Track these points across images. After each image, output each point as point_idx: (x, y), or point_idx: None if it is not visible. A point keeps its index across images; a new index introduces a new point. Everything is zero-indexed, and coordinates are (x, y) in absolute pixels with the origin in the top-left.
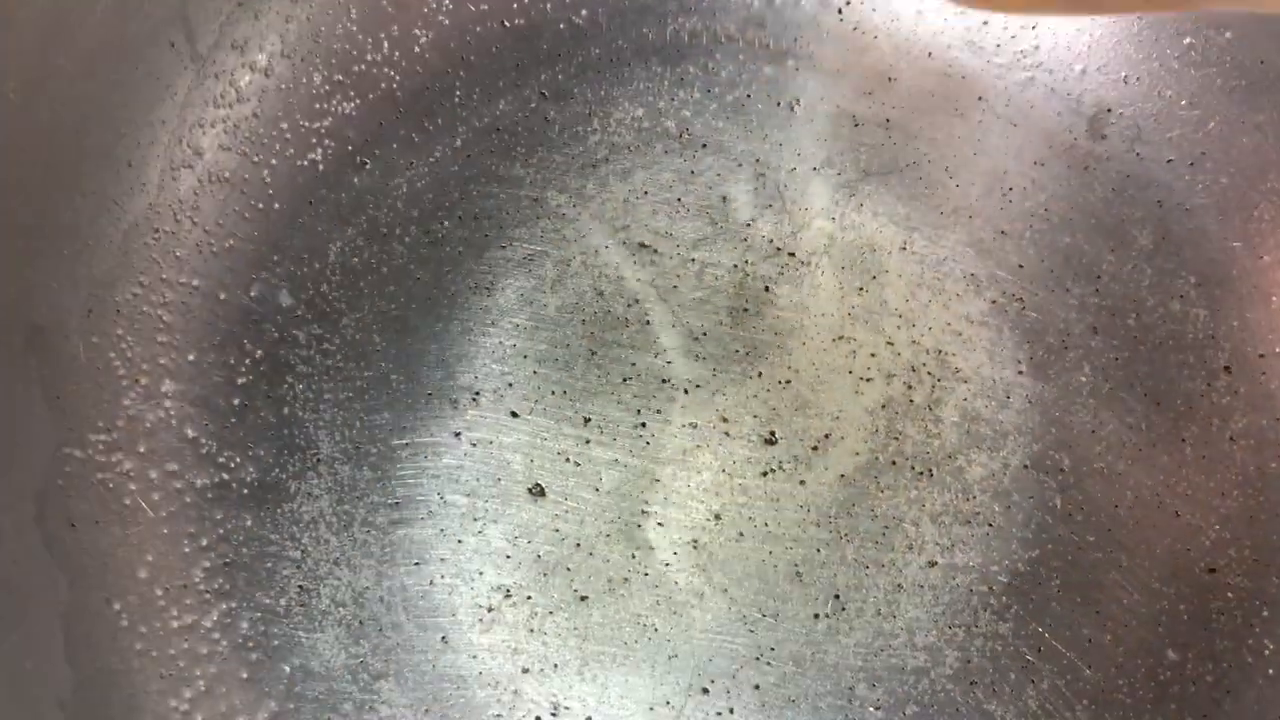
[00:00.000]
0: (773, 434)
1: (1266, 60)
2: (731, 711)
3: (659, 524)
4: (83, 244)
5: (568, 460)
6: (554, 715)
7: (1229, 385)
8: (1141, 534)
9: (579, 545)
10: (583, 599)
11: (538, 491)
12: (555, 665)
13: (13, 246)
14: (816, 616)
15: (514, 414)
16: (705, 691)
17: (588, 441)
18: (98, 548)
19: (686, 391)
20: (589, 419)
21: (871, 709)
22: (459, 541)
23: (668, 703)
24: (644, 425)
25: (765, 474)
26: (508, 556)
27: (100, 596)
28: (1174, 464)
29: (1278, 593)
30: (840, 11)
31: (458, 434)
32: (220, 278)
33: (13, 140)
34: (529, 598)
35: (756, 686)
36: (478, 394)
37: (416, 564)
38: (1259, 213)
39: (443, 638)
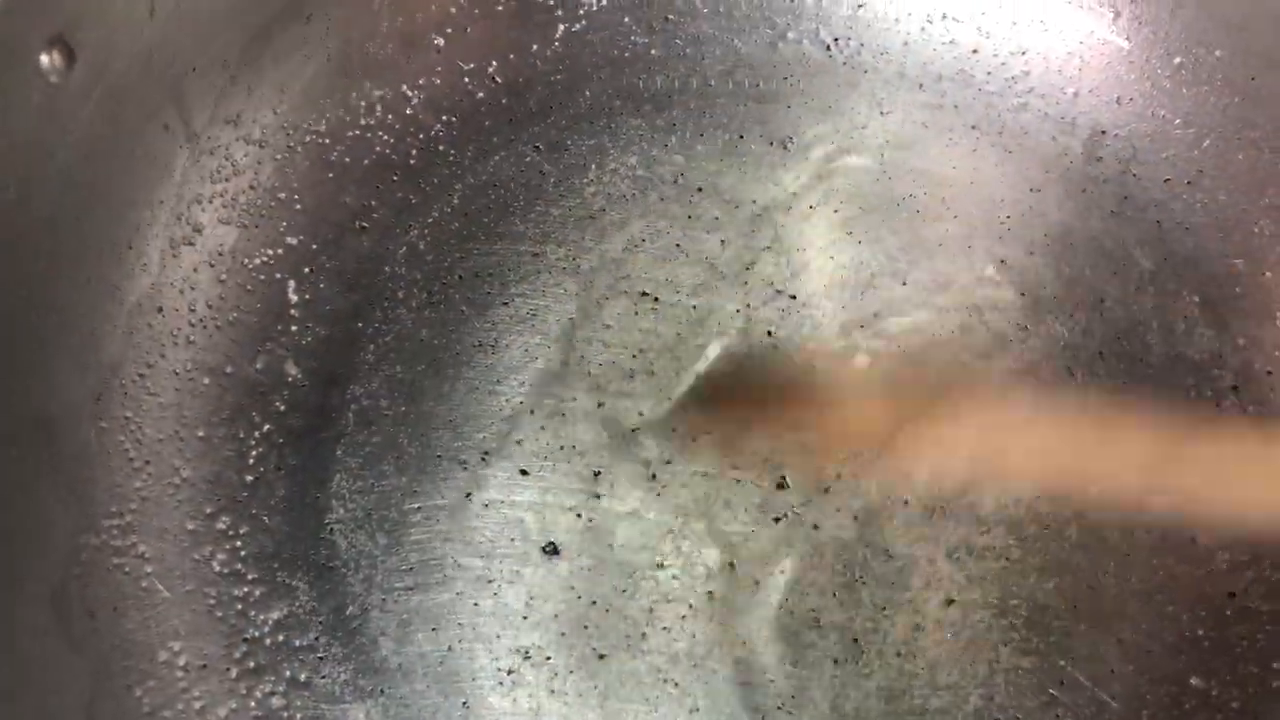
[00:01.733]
0: (783, 478)
1: (1257, 77)
2: None
3: (674, 576)
4: (88, 330)
5: (579, 516)
6: None
7: (1238, 404)
8: (1158, 560)
9: (595, 602)
10: (601, 657)
11: (551, 550)
12: None
13: (19, 340)
14: (836, 661)
15: (524, 472)
16: None
17: (599, 496)
18: (117, 634)
19: (695, 439)
20: (599, 472)
21: None
22: (475, 604)
23: None
24: (654, 476)
25: (778, 519)
26: (525, 617)
27: (122, 684)
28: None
29: None
30: (829, 48)
31: (469, 495)
32: (226, 352)
33: (14, 236)
34: (548, 658)
35: None
36: (487, 454)
37: (434, 629)
38: (1259, 229)
39: (464, 703)
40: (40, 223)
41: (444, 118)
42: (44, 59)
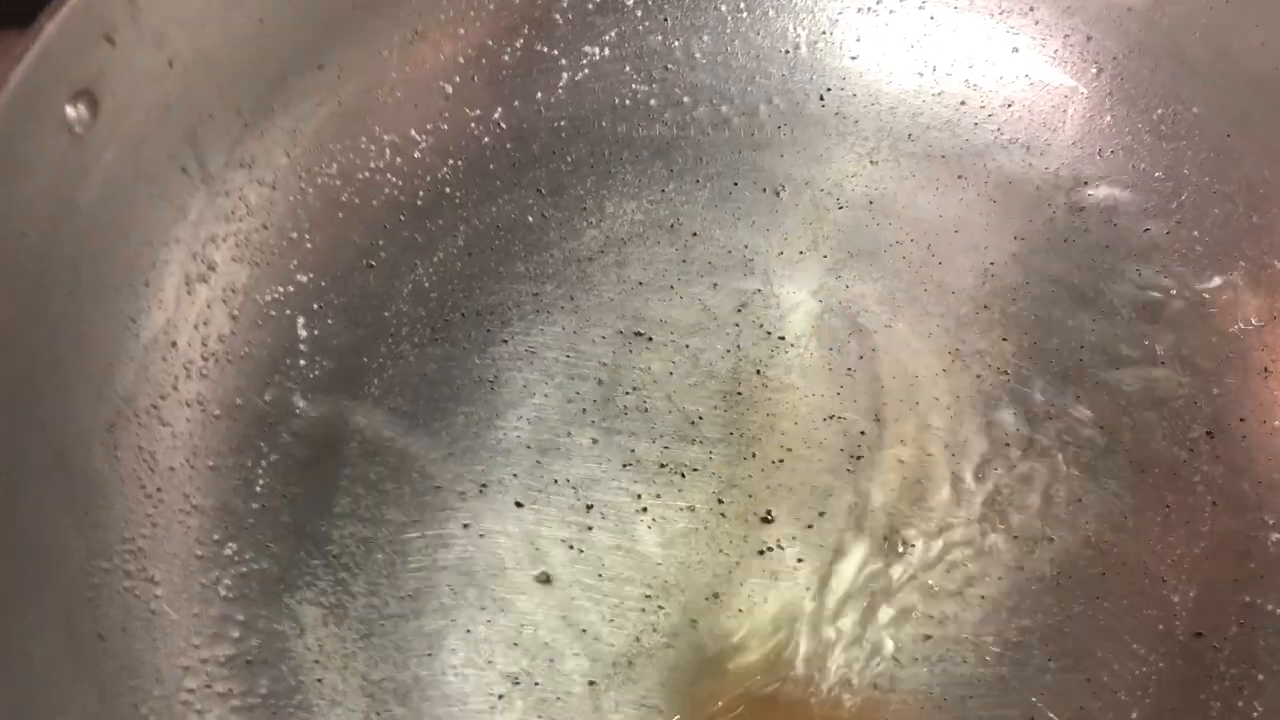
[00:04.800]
0: (769, 513)
1: (1232, 134)
2: None
3: (660, 606)
4: (104, 363)
5: (571, 547)
6: None
7: (1210, 451)
8: (1129, 601)
9: (585, 630)
10: (591, 684)
11: (544, 579)
12: None
13: (38, 371)
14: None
15: (519, 504)
16: None
17: (590, 528)
18: (126, 655)
19: (684, 475)
20: (591, 505)
21: None
22: (468, 631)
23: None
24: (645, 510)
25: (762, 553)
26: (515, 644)
27: (128, 703)
28: (1158, 531)
29: (1265, 656)
30: (822, 98)
31: (466, 525)
32: (236, 384)
33: (37, 275)
34: (537, 684)
35: None
36: (484, 486)
37: (429, 654)
38: (1233, 279)
39: None
40: (62, 262)
41: (450, 161)
42: (70, 111)
